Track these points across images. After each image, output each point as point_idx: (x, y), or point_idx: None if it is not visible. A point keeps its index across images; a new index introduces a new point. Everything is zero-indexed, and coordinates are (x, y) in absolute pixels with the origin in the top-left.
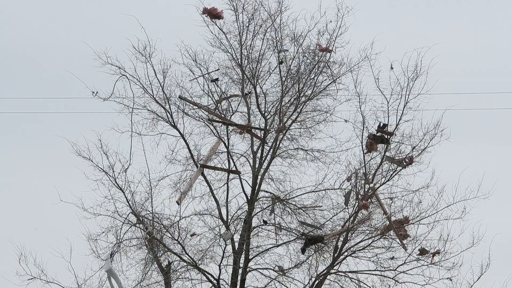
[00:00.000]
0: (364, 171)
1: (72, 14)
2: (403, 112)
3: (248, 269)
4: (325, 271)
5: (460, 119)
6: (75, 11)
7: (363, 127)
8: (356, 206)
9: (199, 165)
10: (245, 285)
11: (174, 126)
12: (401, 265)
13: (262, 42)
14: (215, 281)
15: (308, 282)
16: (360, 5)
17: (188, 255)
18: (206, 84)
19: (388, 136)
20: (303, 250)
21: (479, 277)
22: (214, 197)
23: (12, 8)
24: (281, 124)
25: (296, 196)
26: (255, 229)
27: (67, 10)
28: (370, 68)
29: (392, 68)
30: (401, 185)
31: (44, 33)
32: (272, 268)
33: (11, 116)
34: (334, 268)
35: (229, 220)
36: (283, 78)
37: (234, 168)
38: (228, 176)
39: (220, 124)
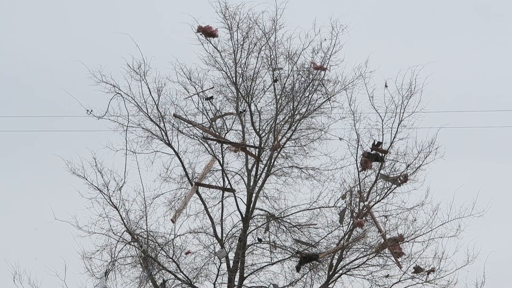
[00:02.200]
0: (358, 189)
1: (66, 33)
2: (397, 130)
3: (243, 287)
4: None
5: (455, 137)
6: (69, 30)
7: (358, 145)
8: (350, 224)
9: (193, 183)
10: None
11: (169, 144)
12: (396, 283)
13: (257, 60)
14: None
15: None
16: (354, 23)
17: (183, 273)
18: (200, 102)
19: (383, 154)
20: (298, 268)
21: None
22: (208, 215)
23: (7, 26)
24: (276, 142)
25: (291, 214)
26: (249, 247)
27: (61, 28)
28: (364, 86)
29: (386, 86)
30: (395, 203)
31: (39, 52)
32: (267, 286)
33: (6, 134)
34: (329, 286)
35: (223, 238)
36: (278, 96)
37: (228, 186)
38: (222, 194)
39: (215, 142)
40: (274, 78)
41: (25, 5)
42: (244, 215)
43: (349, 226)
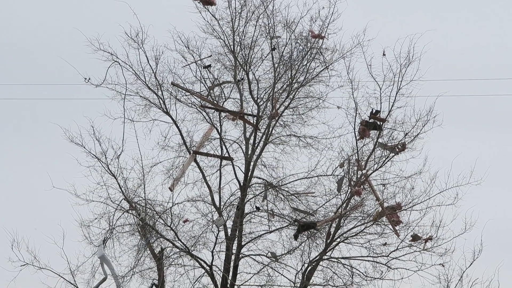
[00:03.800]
0: (356, 157)
1: (64, 1)
2: (395, 98)
3: (240, 255)
4: (317, 257)
5: (453, 106)
6: None
7: (356, 113)
8: (348, 192)
9: (191, 152)
10: (238, 271)
11: (167, 113)
12: (394, 251)
13: (255, 28)
14: (207, 267)
15: (301, 268)
16: None
17: (181, 241)
18: (198, 71)
19: (381, 123)
20: (295, 236)
21: (471, 263)
22: (206, 183)
23: None
24: (274, 111)
25: (289, 183)
26: (247, 216)
27: None
28: (362, 54)
29: (384, 54)
30: (393, 172)
31: (36, 20)
32: (265, 254)
33: (3, 102)
34: (327, 254)
35: (221, 207)
36: (276, 65)
37: (226, 155)
38: (220, 163)
39: (213, 110)
40: (272, 47)
41: None
42: (242, 184)
43: (347, 194)
